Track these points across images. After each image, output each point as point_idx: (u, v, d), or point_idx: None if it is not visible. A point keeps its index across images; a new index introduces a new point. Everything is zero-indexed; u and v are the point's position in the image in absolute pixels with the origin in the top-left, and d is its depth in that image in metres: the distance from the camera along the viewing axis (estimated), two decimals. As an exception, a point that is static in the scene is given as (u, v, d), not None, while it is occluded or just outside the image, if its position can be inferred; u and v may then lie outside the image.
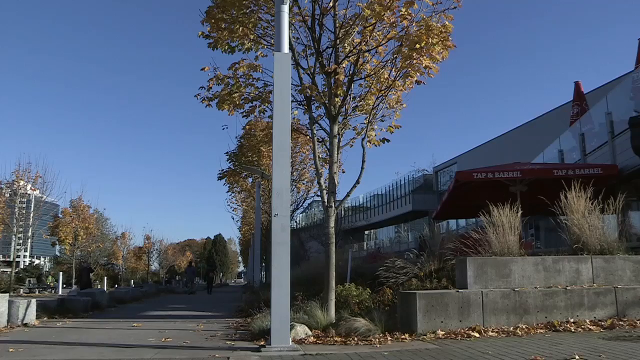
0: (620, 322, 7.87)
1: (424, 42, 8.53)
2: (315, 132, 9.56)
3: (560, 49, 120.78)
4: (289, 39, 8.32)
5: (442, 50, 8.86)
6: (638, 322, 7.93)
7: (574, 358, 5.42)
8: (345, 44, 9.35)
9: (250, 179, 27.76)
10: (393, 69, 9.16)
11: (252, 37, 9.53)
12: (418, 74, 9.11)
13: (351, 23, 9.25)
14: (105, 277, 38.59)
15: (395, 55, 8.99)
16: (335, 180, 9.28)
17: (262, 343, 7.09)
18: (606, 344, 6.34)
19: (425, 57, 8.79)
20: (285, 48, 7.50)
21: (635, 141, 13.80)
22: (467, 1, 8.93)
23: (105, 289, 27.24)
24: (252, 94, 9.69)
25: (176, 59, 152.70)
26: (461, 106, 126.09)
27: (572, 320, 7.96)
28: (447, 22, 8.77)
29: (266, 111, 9.93)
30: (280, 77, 7.34)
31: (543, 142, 23.72)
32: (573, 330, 7.51)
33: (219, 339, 8.19)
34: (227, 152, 26.48)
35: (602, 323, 7.84)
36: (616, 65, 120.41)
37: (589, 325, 7.74)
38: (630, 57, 21.19)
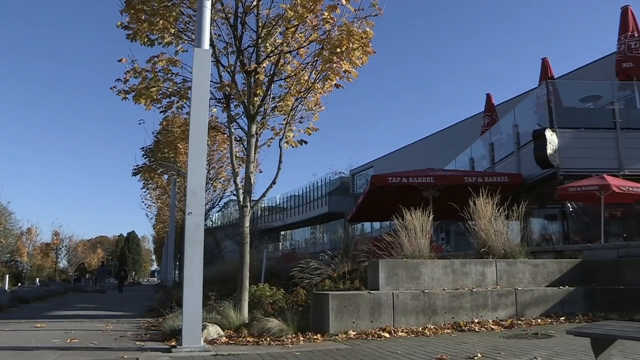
0: (519, 322, 8.34)
1: (345, 46, 8.65)
2: (233, 130, 9.48)
3: (473, 62, 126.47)
4: (211, 35, 8.20)
5: (362, 56, 9.02)
6: (534, 321, 8.44)
7: (477, 356, 5.67)
8: (267, 44, 9.33)
9: (166, 176, 27.10)
10: (313, 72, 9.23)
11: (172, 31, 9.30)
12: (338, 77, 9.24)
13: (274, 23, 9.24)
14: (7, 275, 36.46)
15: (316, 58, 9.06)
16: (252, 180, 9.25)
17: (173, 343, 6.94)
18: (505, 342, 6.69)
19: (345, 61, 8.92)
20: (206, 44, 7.39)
21: (538, 152, 14.65)
22: (389, 4, 9.15)
23: (6, 287, 25.73)
24: (170, 89, 9.46)
25: (93, 47, 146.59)
26: (379, 111, 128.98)
27: (476, 320, 8.34)
28: (368, 29, 8.94)
29: (184, 107, 9.74)
30: (200, 74, 7.23)
31: (456, 150, 24.66)
32: (477, 330, 7.86)
33: (129, 340, 7.94)
34: (142, 148, 25.73)
35: (503, 323, 8.27)
36: (524, 80, 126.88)
37: (491, 325, 8.12)
38: (536, 74, 22.55)
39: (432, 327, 7.96)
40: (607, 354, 4.29)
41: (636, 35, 18.02)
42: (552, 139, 14.67)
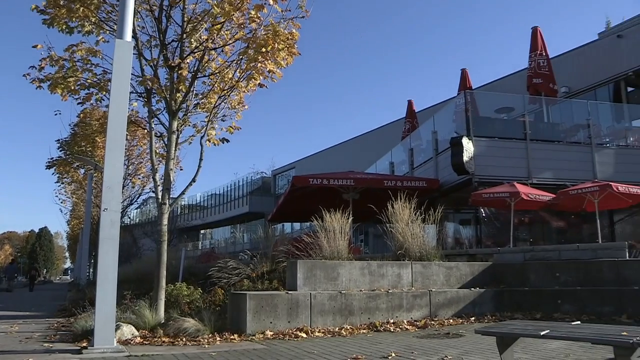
0: (432, 322, 8.64)
1: (271, 46, 8.65)
2: (153, 126, 9.25)
3: (396, 69, 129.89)
4: (134, 27, 7.99)
5: (287, 57, 9.05)
6: (446, 321, 8.78)
7: (391, 356, 5.83)
8: (192, 40, 9.17)
9: (82, 170, 26.01)
10: (238, 70, 9.18)
11: (93, 20, 8.95)
12: (262, 77, 9.22)
13: (200, 19, 9.09)
14: None
15: (241, 57, 9.01)
16: (172, 177, 9.06)
17: (84, 344, 6.68)
18: (419, 342, 6.91)
19: (270, 61, 8.93)
20: (128, 36, 7.18)
21: (454, 159, 15.20)
22: (315, 8, 9.22)
23: None
24: (89, 80, 9.11)
25: (4, 27, 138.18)
26: (303, 113, 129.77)
27: (392, 321, 8.56)
28: (294, 30, 8.98)
29: (103, 100, 9.39)
30: (120, 66, 7.01)
31: (377, 154, 25.12)
32: (392, 330, 8.07)
33: (35, 341, 7.51)
34: (58, 140, 24.61)
35: (418, 323, 8.55)
36: (444, 89, 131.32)
37: (406, 326, 8.37)
38: (456, 83, 23.41)
39: (348, 327, 8.09)
40: (510, 351, 4.53)
41: (544, 54, 19.17)
42: (468, 147, 15.25)
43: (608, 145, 18.11)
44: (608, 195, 13.48)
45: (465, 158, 15.10)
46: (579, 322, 5.67)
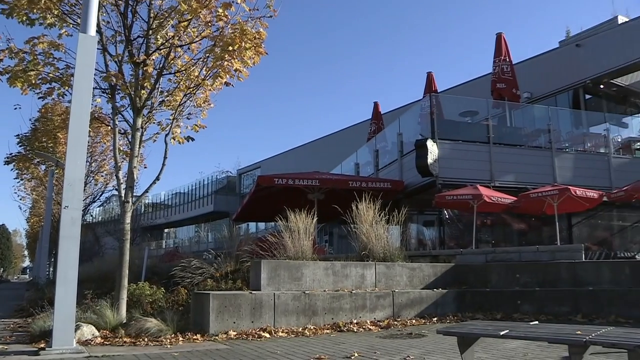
0: (395, 322, 8.73)
1: (237, 45, 8.60)
2: (117, 123, 9.08)
3: (363, 71, 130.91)
4: (98, 21, 7.84)
5: (253, 56, 9.01)
6: (409, 321, 8.88)
7: (354, 356, 5.86)
8: (158, 36, 9.04)
9: (43, 167, 25.37)
10: (204, 68, 9.10)
11: (56, 12, 8.72)
12: (228, 76, 9.15)
13: (166, 15, 8.98)
14: None
15: (207, 55, 8.93)
16: (135, 175, 8.94)
17: (42, 345, 6.51)
18: (382, 342, 6.97)
19: (237, 60, 8.87)
20: (92, 30, 7.04)
21: (419, 161, 15.38)
22: (283, 7, 9.21)
23: None
24: (51, 75, 8.89)
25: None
26: (270, 113, 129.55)
27: (355, 321, 8.61)
28: (261, 29, 8.94)
29: (66, 95, 9.18)
30: (84, 61, 6.88)
31: (342, 155, 25.21)
32: (356, 330, 8.11)
33: (-10, 342, 7.33)
34: (18, 135, 23.91)
35: (381, 323, 8.62)
36: (411, 91, 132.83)
37: (369, 326, 8.42)
38: (422, 86, 23.74)
39: (312, 327, 8.11)
40: (471, 350, 4.61)
41: (508, 60, 19.59)
42: (432, 149, 15.44)
43: (567, 150, 18.62)
44: (567, 198, 13.83)
45: (430, 160, 15.28)
46: (537, 322, 5.81)
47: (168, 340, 7.02)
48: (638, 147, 20.79)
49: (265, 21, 8.99)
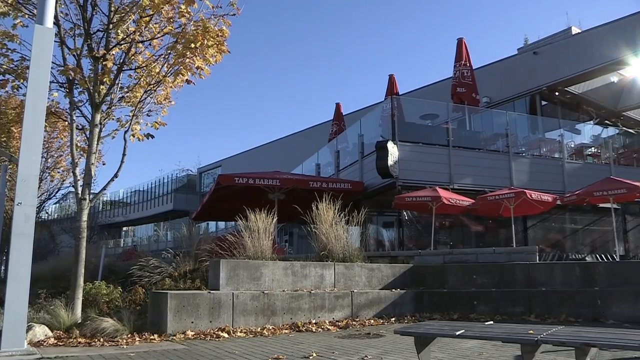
0: (354, 322, 8.78)
1: (200, 42, 8.51)
2: (75, 118, 8.87)
3: (326, 71, 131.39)
4: (56, 13, 7.65)
5: (216, 54, 8.93)
6: (367, 321, 8.94)
7: (312, 356, 5.87)
8: (119, 31, 8.87)
9: (-6, 162, 24.63)
10: (165, 65, 8.97)
11: (10, 1, 8.48)
12: (189, 73, 9.04)
13: (127, 10, 8.81)
14: None
15: (169, 51, 8.81)
16: (93, 172, 8.75)
17: (-10, 347, 6.33)
18: (340, 342, 7.00)
19: (198, 57, 8.78)
20: (50, 22, 6.85)
21: (379, 162, 15.54)
22: (247, 7, 9.17)
23: None
24: (5, 66, 8.62)
25: None
26: (231, 111, 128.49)
27: (314, 321, 8.63)
28: (224, 27, 8.88)
29: (21, 88, 8.92)
30: (40, 54, 6.69)
31: (303, 155, 25.24)
32: (314, 331, 8.13)
33: None
34: (-31, 128, 23.18)
35: (339, 323, 8.65)
36: (372, 93, 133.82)
37: (328, 326, 8.45)
38: (384, 88, 23.98)
39: (270, 327, 8.09)
40: (428, 350, 4.68)
41: (468, 65, 19.97)
42: (393, 151, 15.61)
43: (524, 154, 19.08)
44: (523, 201, 14.18)
45: (390, 162, 15.44)
46: (492, 322, 5.95)
47: (124, 341, 6.90)
48: (589, 152, 21.53)
49: (229, 19, 8.94)
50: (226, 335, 7.52)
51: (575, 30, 28.06)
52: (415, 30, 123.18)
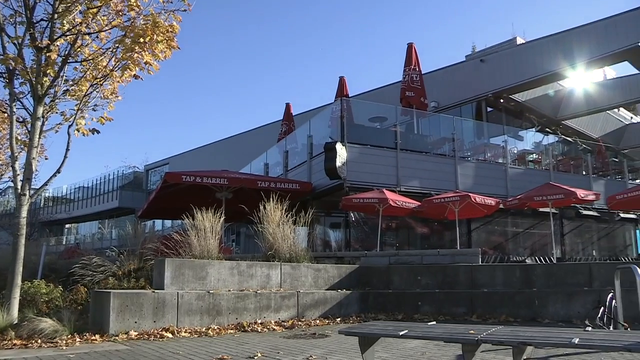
0: (299, 322, 8.80)
1: (149, 37, 8.35)
2: (15, 110, 8.56)
3: (276, 70, 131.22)
4: (-5, -2, 7.37)
5: (165, 50, 8.78)
6: (313, 322, 8.99)
7: (257, 356, 5.86)
8: (64, 22, 8.59)
9: None
10: (113, 59, 8.75)
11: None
12: (138, 68, 8.86)
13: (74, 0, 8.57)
14: None
15: (117, 45, 8.60)
16: (34, 167, 8.46)
17: None
18: (286, 342, 7.01)
19: (147, 52, 8.61)
20: (-12, 9, 6.60)
21: (328, 163, 15.63)
22: (198, 2, 9.05)
23: None
24: None
25: None
26: (180, 109, 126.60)
27: (260, 321, 8.61)
28: (174, 23, 8.74)
29: (-45, 77, 8.56)
30: (-21, 43, 6.44)
31: (252, 154, 25.12)
32: (260, 331, 8.11)
33: None
34: None
35: (285, 323, 8.66)
36: (323, 94, 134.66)
37: (273, 326, 8.44)
38: (334, 90, 24.14)
39: (216, 327, 8.03)
40: (372, 350, 4.74)
41: (417, 69, 20.33)
42: (341, 152, 15.72)
43: (469, 158, 19.56)
44: (467, 205, 14.52)
45: (338, 163, 15.54)
46: (434, 323, 6.07)
47: (64, 341, 6.70)
48: (531, 159, 22.28)
49: (180, 15, 8.81)
50: (170, 335, 7.41)
51: (520, 40, 29.04)
52: (367, 34, 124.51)
